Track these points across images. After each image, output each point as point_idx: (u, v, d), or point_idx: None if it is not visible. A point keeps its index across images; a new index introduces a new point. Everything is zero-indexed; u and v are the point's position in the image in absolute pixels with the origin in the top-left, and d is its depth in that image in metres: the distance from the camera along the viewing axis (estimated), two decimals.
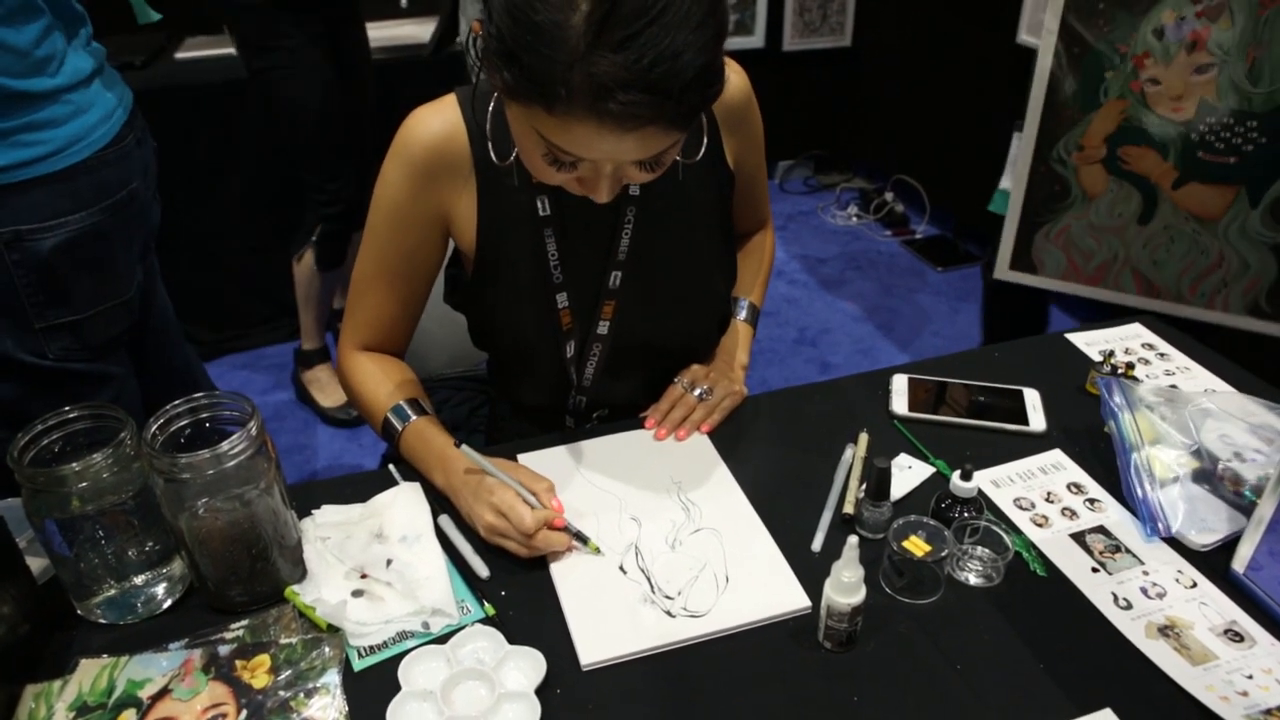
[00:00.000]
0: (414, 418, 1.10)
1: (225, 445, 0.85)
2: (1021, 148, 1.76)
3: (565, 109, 0.79)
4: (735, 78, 1.12)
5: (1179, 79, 1.59)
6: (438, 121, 1.04)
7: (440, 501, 1.05)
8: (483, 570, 0.97)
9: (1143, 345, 1.23)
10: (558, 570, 0.97)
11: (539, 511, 0.96)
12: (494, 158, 0.99)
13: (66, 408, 0.89)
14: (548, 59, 0.77)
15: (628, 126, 0.79)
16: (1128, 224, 1.74)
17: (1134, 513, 1.03)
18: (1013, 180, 1.93)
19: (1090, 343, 1.34)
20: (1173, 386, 1.15)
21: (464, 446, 1.01)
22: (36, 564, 0.93)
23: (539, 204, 1.07)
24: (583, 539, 0.98)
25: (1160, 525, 0.99)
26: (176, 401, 0.90)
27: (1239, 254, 1.67)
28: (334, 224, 2.38)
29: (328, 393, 2.63)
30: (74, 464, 0.84)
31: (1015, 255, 1.87)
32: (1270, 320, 1.69)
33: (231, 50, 2.58)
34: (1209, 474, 1.04)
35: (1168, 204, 1.69)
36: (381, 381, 1.14)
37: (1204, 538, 0.99)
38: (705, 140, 1.02)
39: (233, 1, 2.12)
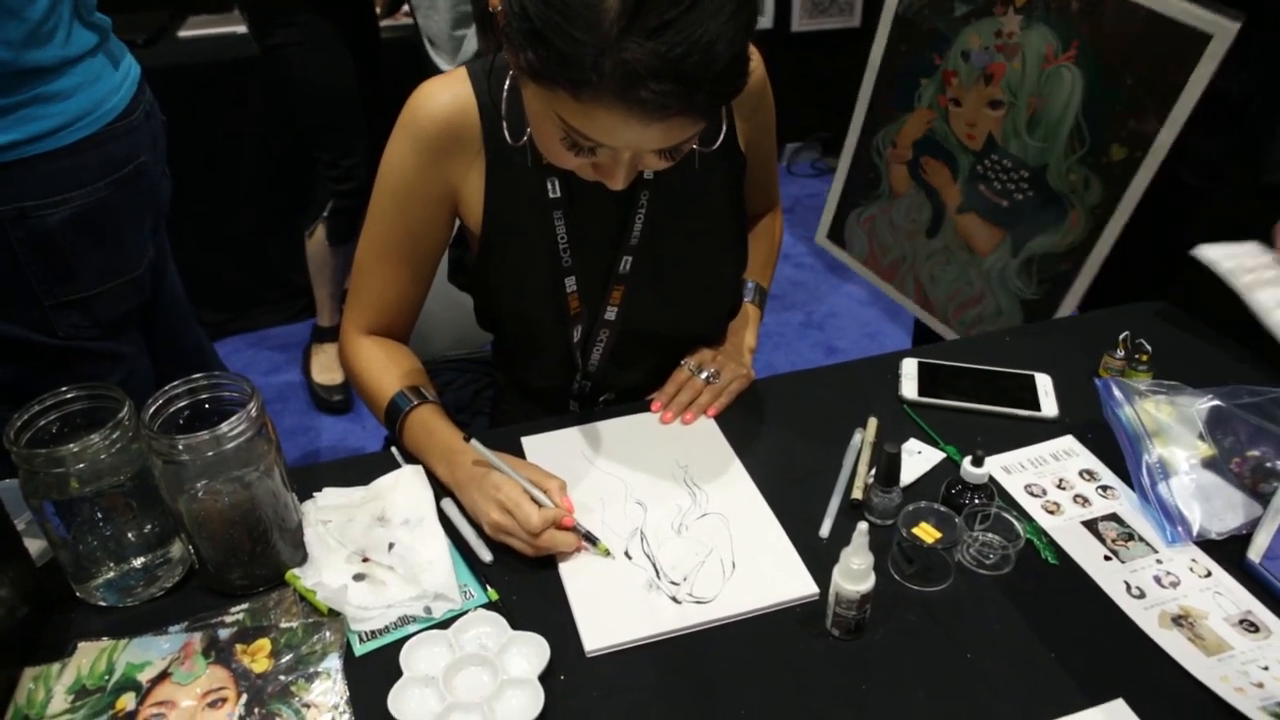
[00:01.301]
0: (417, 406, 1.07)
1: (225, 427, 0.83)
2: (850, 133, 1.81)
3: (593, 94, 0.76)
4: (750, 62, 1.10)
5: (974, 108, 1.61)
6: (448, 95, 1.02)
7: (442, 485, 1.04)
8: (485, 554, 0.96)
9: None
10: (562, 555, 0.95)
11: (546, 510, 0.93)
12: (508, 137, 0.97)
13: (64, 388, 0.88)
14: (579, 42, 0.74)
15: (656, 116, 0.77)
16: (918, 232, 1.78)
17: (1148, 510, 1.01)
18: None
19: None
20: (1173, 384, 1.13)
21: (474, 441, 0.99)
22: (35, 546, 0.92)
23: (549, 185, 1.05)
24: (592, 539, 0.95)
25: (1181, 530, 0.97)
26: (175, 382, 0.88)
27: (995, 296, 1.70)
28: (346, 199, 2.37)
29: (325, 369, 2.62)
30: (71, 445, 0.83)
31: (832, 227, 1.95)
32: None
33: (234, 29, 2.57)
34: (1218, 463, 1.02)
35: (950, 225, 1.73)
36: (386, 367, 1.12)
37: (1219, 527, 0.97)
38: (725, 127, 0.99)
39: None
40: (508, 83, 0.99)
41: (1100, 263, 1.51)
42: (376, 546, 0.95)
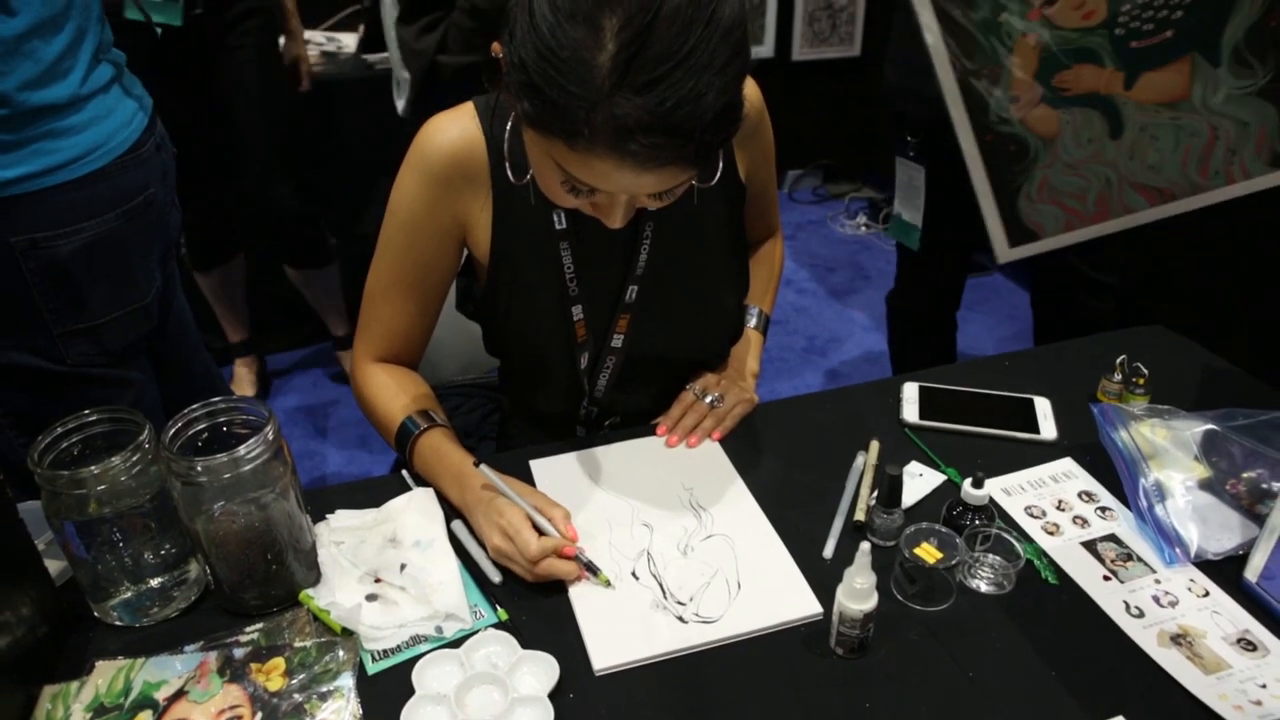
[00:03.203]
0: (427, 429, 1.09)
1: (242, 449, 0.85)
2: (960, 132, 1.62)
3: (586, 145, 0.79)
4: (749, 91, 1.12)
5: None
6: (455, 130, 1.04)
7: (453, 507, 1.06)
8: (495, 576, 0.97)
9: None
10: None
11: (545, 540, 0.94)
12: (510, 177, 1.00)
13: (86, 411, 0.90)
14: (572, 96, 0.77)
15: (648, 166, 0.80)
16: (1102, 145, 1.61)
17: (1146, 531, 1.03)
18: (906, 208, 1.85)
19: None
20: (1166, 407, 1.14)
21: (483, 466, 1.00)
22: (54, 566, 0.94)
23: (556, 218, 1.07)
24: (593, 569, 0.96)
25: (1179, 550, 0.99)
26: (194, 406, 0.90)
27: (1229, 117, 1.55)
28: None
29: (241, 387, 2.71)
30: (93, 467, 0.85)
31: (1009, 233, 1.72)
32: None
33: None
34: (1214, 485, 1.04)
35: (1130, 106, 1.56)
36: (395, 393, 1.14)
37: (1216, 547, 0.99)
38: (721, 165, 1.02)
39: None
40: (510, 121, 1.02)
41: None
42: (389, 567, 0.97)
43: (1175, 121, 1.56)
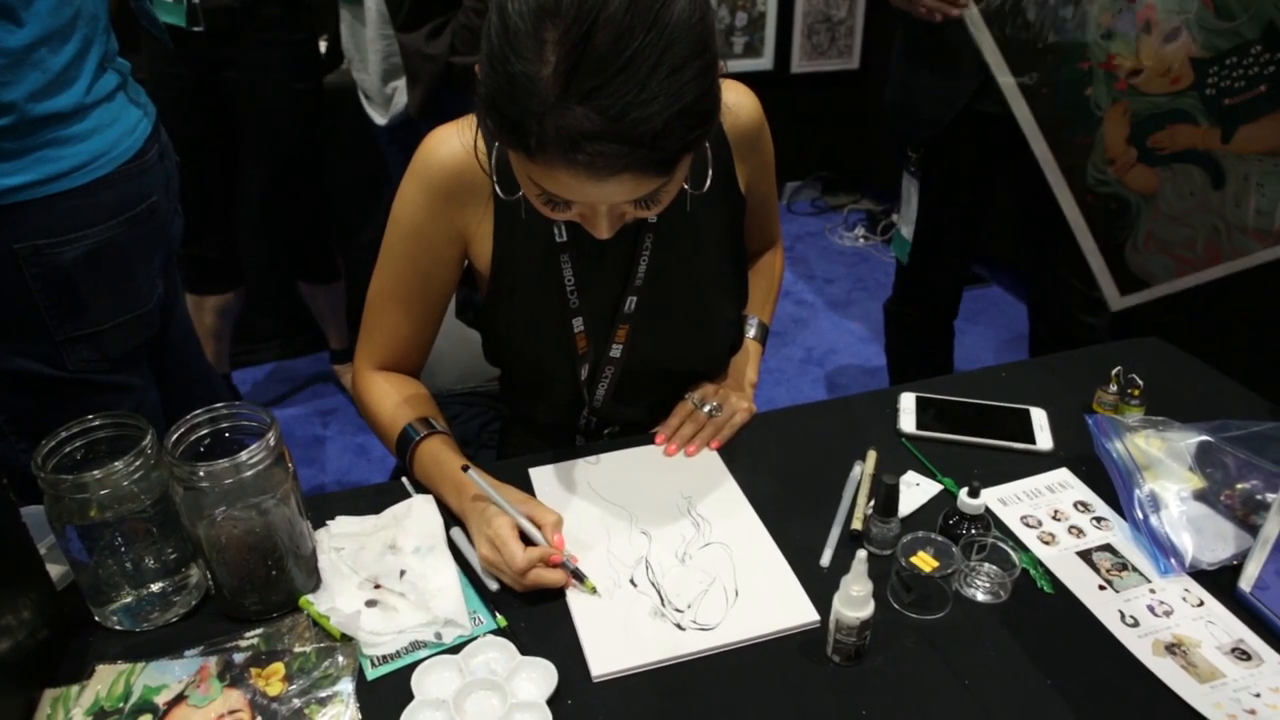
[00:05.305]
0: (427, 436, 1.10)
1: (244, 455, 0.86)
2: (1058, 194, 1.67)
3: (543, 157, 0.80)
4: (748, 102, 1.14)
5: (1156, 58, 1.53)
6: (457, 142, 1.05)
7: (453, 514, 1.06)
8: (492, 584, 0.98)
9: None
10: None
11: (532, 550, 0.94)
12: (500, 193, 1.00)
13: (89, 416, 0.91)
14: (522, 109, 0.78)
15: (605, 174, 0.80)
16: (1205, 195, 1.65)
17: (1141, 541, 1.03)
18: (905, 224, 1.91)
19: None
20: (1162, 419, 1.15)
21: (471, 471, 1.01)
22: (56, 570, 0.94)
23: (555, 230, 1.08)
24: (580, 577, 0.97)
25: (1174, 560, 0.99)
26: (197, 411, 0.91)
27: None
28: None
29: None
30: (95, 471, 0.85)
31: (1119, 282, 1.76)
32: None
33: None
34: (1208, 495, 1.04)
35: (1231, 158, 1.61)
36: (396, 400, 1.14)
37: (1211, 557, 0.99)
38: (710, 171, 1.02)
39: None
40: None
41: None
42: (388, 573, 0.97)
43: (1277, 166, 1.60)
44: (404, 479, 1.12)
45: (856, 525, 1.04)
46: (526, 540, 0.96)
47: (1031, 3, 1.54)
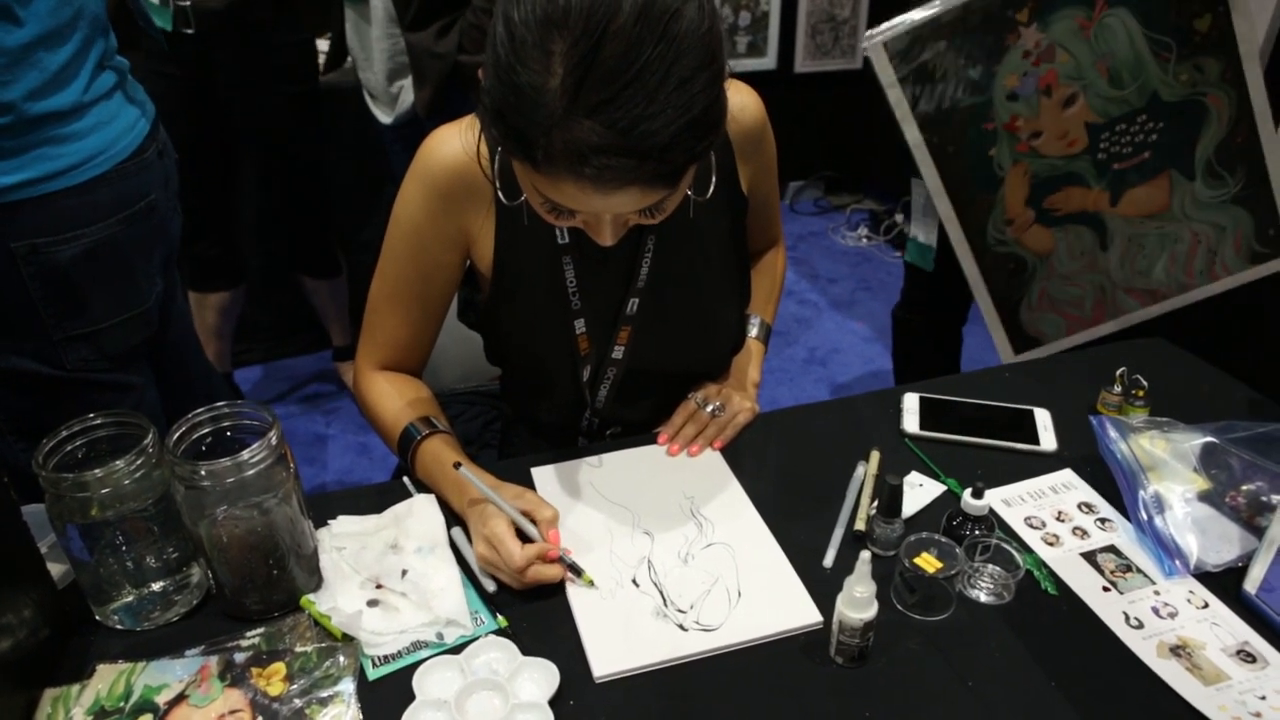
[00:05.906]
0: (428, 435, 1.09)
1: (245, 454, 0.86)
2: (959, 253, 1.76)
3: (549, 168, 0.80)
4: (751, 103, 1.13)
5: (1054, 122, 1.61)
6: (459, 143, 1.04)
7: (455, 514, 1.06)
8: (489, 584, 0.97)
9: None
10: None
11: (529, 548, 0.94)
12: (502, 198, 0.99)
13: (91, 414, 0.91)
14: (529, 121, 0.77)
15: (611, 186, 0.80)
16: (1094, 256, 1.76)
17: (1145, 542, 1.03)
18: (922, 230, 1.95)
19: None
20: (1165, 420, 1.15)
21: (463, 468, 1.00)
22: (57, 569, 0.94)
23: (558, 232, 1.07)
24: (577, 570, 0.96)
25: (1179, 562, 0.99)
26: (199, 410, 0.91)
27: (1207, 223, 1.68)
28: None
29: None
30: (96, 470, 0.85)
31: (1013, 340, 1.86)
32: (1273, 258, 1.70)
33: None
34: (1213, 497, 1.04)
35: (1117, 220, 1.71)
36: (398, 400, 1.14)
37: (1216, 558, 0.99)
38: (714, 178, 1.02)
39: None
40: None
41: (1265, 105, 1.54)
42: (390, 573, 0.97)
43: (1159, 230, 1.72)
44: (405, 478, 1.12)
45: (860, 526, 1.04)
46: (524, 538, 0.96)
47: (942, 62, 1.59)
